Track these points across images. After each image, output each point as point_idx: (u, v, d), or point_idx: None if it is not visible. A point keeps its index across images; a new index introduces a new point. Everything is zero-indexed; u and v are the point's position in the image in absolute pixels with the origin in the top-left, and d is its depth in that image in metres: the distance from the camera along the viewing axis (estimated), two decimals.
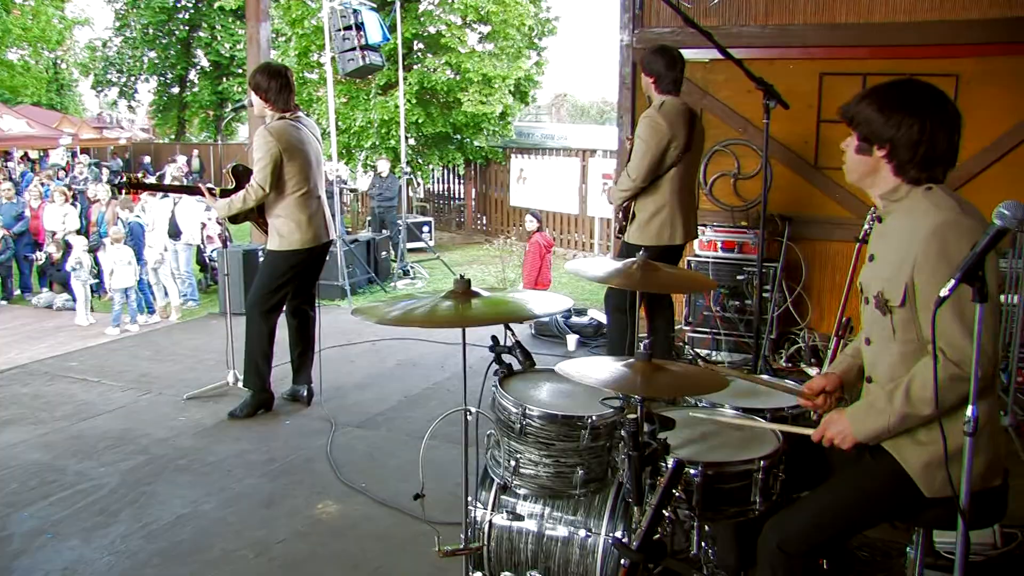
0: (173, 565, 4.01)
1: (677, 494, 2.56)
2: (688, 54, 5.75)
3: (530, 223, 12.08)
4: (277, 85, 5.60)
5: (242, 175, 5.79)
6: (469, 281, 3.06)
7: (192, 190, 6.54)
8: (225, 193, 5.79)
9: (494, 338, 3.25)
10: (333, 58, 12.72)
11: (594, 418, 2.98)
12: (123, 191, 6.19)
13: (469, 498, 3.24)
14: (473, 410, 3.13)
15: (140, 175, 6.79)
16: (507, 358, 3.31)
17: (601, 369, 2.81)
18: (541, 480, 3.05)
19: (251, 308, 5.92)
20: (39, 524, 4.42)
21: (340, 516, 4.46)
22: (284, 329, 6.14)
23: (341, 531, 4.31)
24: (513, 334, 3.30)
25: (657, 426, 2.65)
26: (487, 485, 3.28)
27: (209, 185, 5.96)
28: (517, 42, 18.36)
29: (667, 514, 2.60)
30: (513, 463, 3.06)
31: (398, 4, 14.45)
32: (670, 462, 2.54)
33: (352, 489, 4.74)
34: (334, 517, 4.46)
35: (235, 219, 5.87)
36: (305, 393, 6.12)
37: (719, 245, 6.99)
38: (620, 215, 5.79)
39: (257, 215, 5.80)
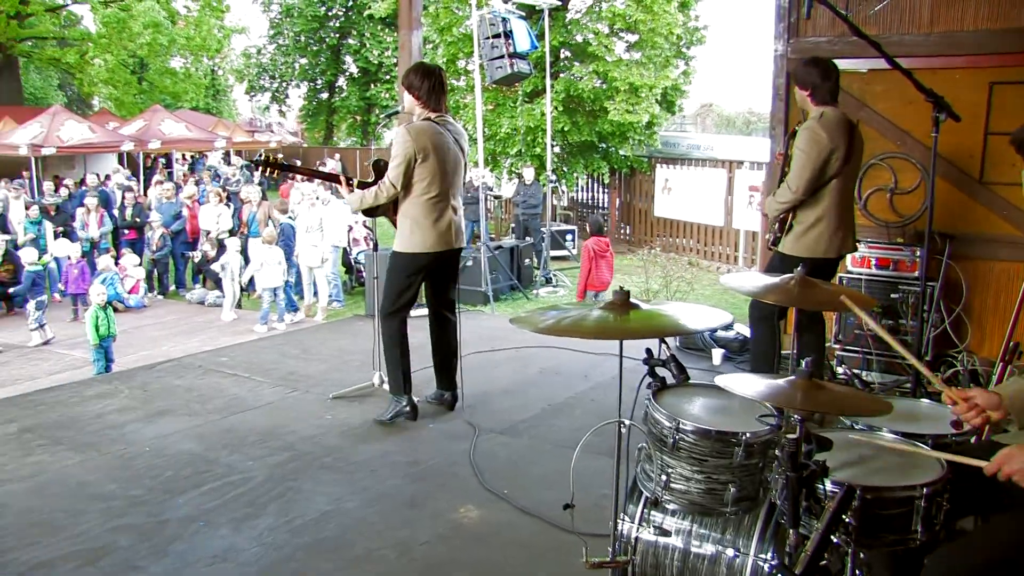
0: (317, 560, 4.08)
1: (848, 520, 2.46)
2: (844, 64, 5.59)
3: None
4: (429, 84, 5.60)
5: (382, 170, 5.82)
6: (628, 293, 3.02)
7: (331, 177, 6.60)
8: (363, 185, 5.84)
9: (648, 351, 3.21)
10: (481, 65, 12.83)
11: (748, 435, 2.90)
12: (260, 168, 6.20)
13: (614, 512, 3.21)
14: (627, 422, 3.09)
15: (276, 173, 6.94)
16: (660, 371, 3.26)
17: (759, 385, 2.74)
18: (692, 496, 2.99)
19: (380, 311, 5.97)
20: (192, 512, 4.56)
21: (482, 522, 4.46)
22: (428, 333, 6.19)
23: (482, 537, 4.31)
24: (668, 347, 3.24)
25: (814, 446, 2.56)
26: (635, 498, 3.23)
27: (348, 175, 6.02)
28: (665, 51, 18.20)
29: (835, 540, 2.50)
30: (664, 478, 3.00)
31: (546, 13, 14.52)
32: (829, 485, 2.45)
33: (494, 495, 4.73)
34: (476, 522, 4.46)
35: (371, 213, 5.92)
36: (448, 397, 6.15)
37: (873, 262, 6.75)
38: (776, 226, 5.63)
39: (392, 212, 5.84)
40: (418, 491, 4.86)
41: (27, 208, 16.11)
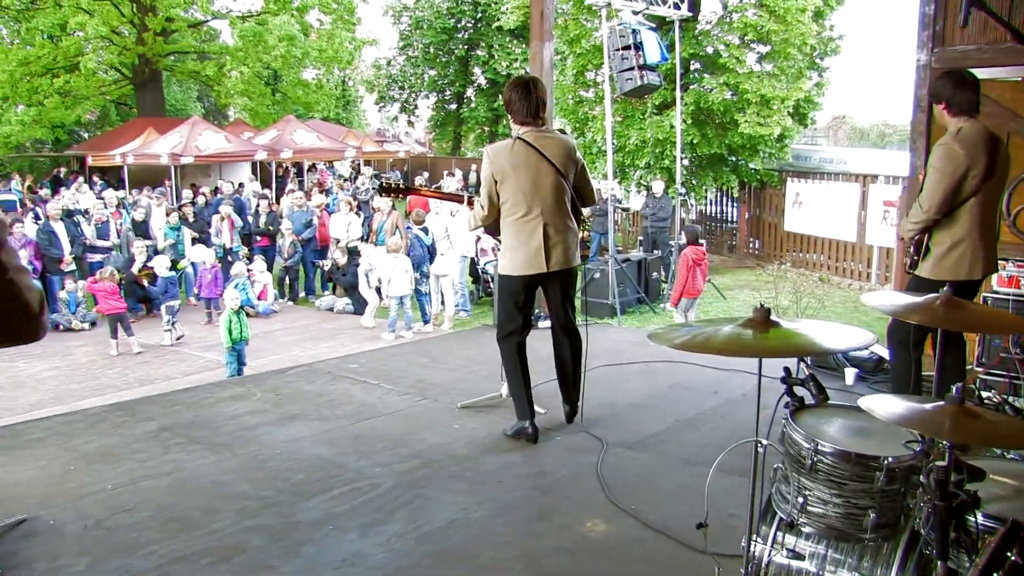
0: (443, 568, 4.10)
1: (1013, 558, 2.34)
2: (996, 73, 5.37)
3: (683, 238, 11.89)
4: (516, 96, 5.50)
5: None
6: (769, 310, 2.96)
7: (454, 197, 6.61)
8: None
9: (787, 369, 3.13)
10: (611, 77, 12.79)
11: (891, 460, 2.80)
12: (388, 193, 6.28)
13: (747, 532, 3.14)
14: (764, 442, 3.02)
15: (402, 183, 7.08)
16: (799, 390, 3.18)
17: (905, 409, 2.63)
18: (829, 520, 2.90)
19: (497, 333, 5.93)
20: (322, 515, 4.64)
21: (609, 536, 4.41)
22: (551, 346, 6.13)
23: (609, 551, 4.26)
24: (808, 366, 3.16)
25: (965, 476, 2.46)
26: (768, 520, 3.15)
27: (471, 196, 6.02)
28: (798, 62, 17.80)
29: None
30: (801, 500, 2.92)
31: (677, 24, 14.39)
32: (981, 517, 2.35)
33: (622, 510, 4.67)
34: (603, 536, 4.41)
35: (487, 230, 5.92)
36: (567, 410, 6.10)
37: (1022, 282, 6.48)
38: (912, 249, 5.42)
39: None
40: (545, 503, 4.84)
41: (167, 215, 16.71)
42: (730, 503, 4.17)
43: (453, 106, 43.62)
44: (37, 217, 16.00)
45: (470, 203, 5.88)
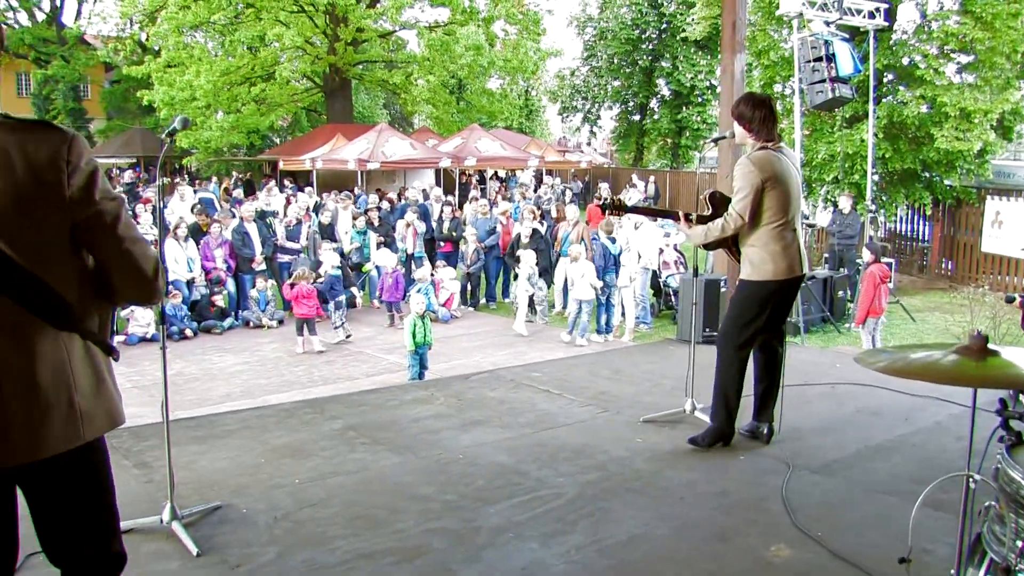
0: None
1: None
2: None
3: (866, 255, 11.34)
4: (761, 115, 5.52)
5: (719, 203, 5.77)
6: (986, 338, 2.79)
7: (669, 214, 6.59)
8: (701, 219, 5.81)
9: (1002, 401, 2.94)
10: (801, 89, 12.48)
11: None
12: (604, 211, 6.37)
13: (952, 571, 2.97)
14: (977, 477, 2.85)
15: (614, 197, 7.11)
16: (1016, 424, 2.99)
17: None
18: None
19: (722, 341, 5.86)
20: (503, 522, 4.65)
21: (793, 562, 4.25)
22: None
23: None
24: None
25: None
26: (976, 561, 2.97)
27: (687, 212, 5.98)
28: (1005, 72, 16.80)
29: None
30: (1020, 544, 2.74)
31: (872, 34, 13.92)
32: None
33: (807, 536, 4.50)
34: (787, 563, 4.26)
35: (708, 246, 5.88)
36: (766, 431, 5.95)
37: None
38: None
39: (731, 244, 5.77)
40: (727, 524, 4.72)
41: (354, 219, 17.22)
42: (923, 537, 3.98)
43: (636, 117, 43.48)
44: (232, 217, 16.73)
45: (687, 219, 5.85)
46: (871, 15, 13.67)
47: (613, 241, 12.96)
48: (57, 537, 2.48)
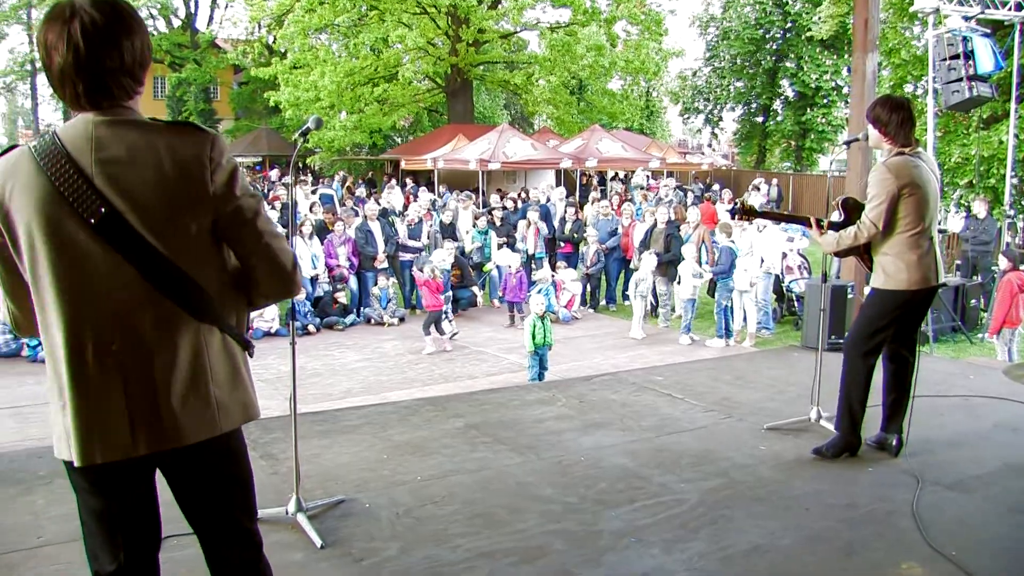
0: None
1: None
2: None
3: (1003, 262, 10.82)
4: (899, 119, 5.35)
5: (852, 209, 5.63)
6: None
7: (800, 220, 6.47)
8: (833, 226, 5.67)
9: None
10: (935, 89, 12.09)
11: None
12: (734, 216, 6.30)
13: None
14: None
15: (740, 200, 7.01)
16: None
17: None
18: None
19: (849, 348, 5.72)
20: (624, 526, 4.61)
21: None
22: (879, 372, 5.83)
23: None
24: None
25: None
26: None
27: (818, 217, 5.85)
28: None
29: None
30: None
31: (1017, 28, 13.37)
32: None
33: (939, 554, 4.34)
34: None
35: (839, 253, 5.74)
36: (894, 443, 5.77)
37: None
38: None
39: (863, 251, 5.62)
40: (854, 537, 4.59)
41: (475, 219, 17.34)
42: None
43: (759, 119, 42.83)
44: (356, 215, 17.00)
45: (818, 225, 5.75)
46: (1017, 7, 13.11)
47: (733, 244, 12.77)
48: (200, 518, 2.59)
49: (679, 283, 12.72)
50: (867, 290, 6.12)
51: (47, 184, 2.26)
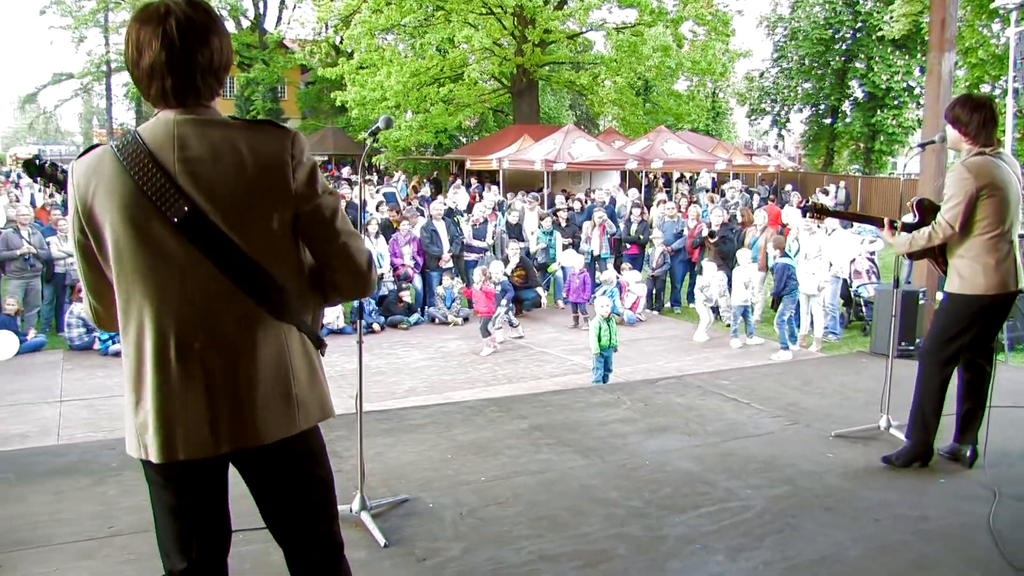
0: None
1: None
2: None
3: None
4: (980, 118, 5.18)
5: (927, 210, 5.49)
6: None
7: (872, 220, 6.34)
8: (906, 227, 5.55)
9: None
10: (1016, 89, 11.82)
11: None
12: (805, 214, 6.19)
13: None
14: None
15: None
16: None
17: None
18: None
19: (925, 355, 5.57)
20: (689, 532, 4.56)
21: None
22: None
23: None
24: None
25: None
26: None
27: (891, 218, 5.73)
28: None
29: None
30: None
31: None
32: None
33: (1020, 573, 4.21)
34: None
35: (912, 255, 5.62)
36: (968, 454, 5.61)
37: None
38: None
39: (937, 254, 5.48)
40: (927, 551, 4.47)
41: (540, 219, 17.33)
42: None
43: (827, 120, 42.28)
44: (421, 214, 17.08)
45: (891, 226, 5.63)
46: None
47: (788, 256, 12.60)
48: (280, 519, 2.61)
49: (730, 289, 12.61)
50: (939, 295, 5.97)
51: (130, 183, 2.29)
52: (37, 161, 4.42)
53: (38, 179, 4.42)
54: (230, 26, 47.11)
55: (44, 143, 62.78)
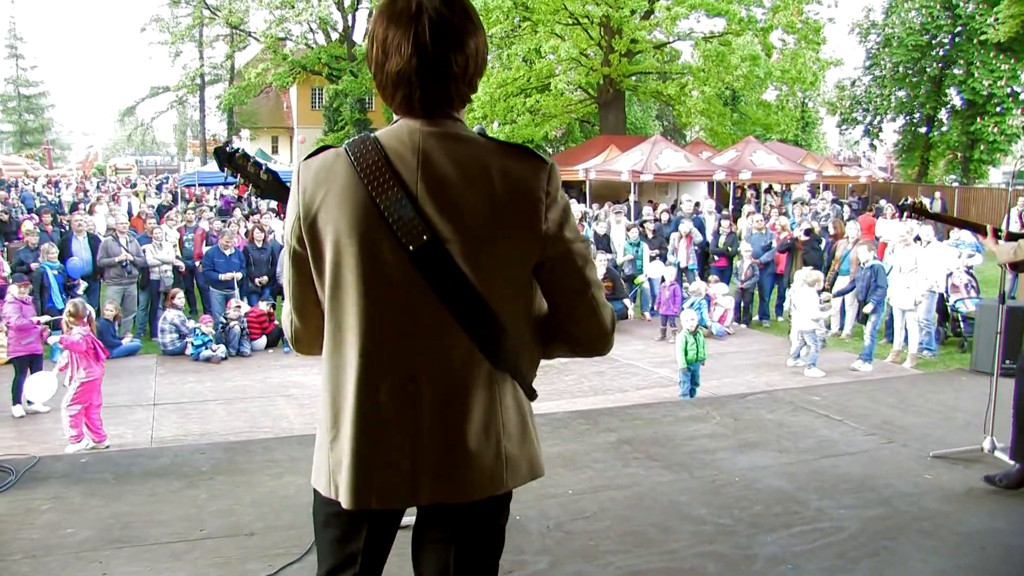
0: None
1: None
2: None
3: None
4: None
5: None
6: None
7: (974, 226, 6.13)
8: (1011, 236, 5.35)
9: None
10: None
11: None
12: (903, 214, 6.00)
13: None
14: None
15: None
16: None
17: None
18: None
19: (1022, 374, 5.38)
20: (780, 552, 4.47)
21: None
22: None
23: None
24: None
25: None
26: None
27: (995, 226, 5.54)
28: None
29: None
30: None
31: None
32: None
33: None
34: None
35: (1015, 266, 5.41)
36: None
37: None
38: None
39: None
40: None
41: (627, 230, 17.21)
42: None
43: (922, 129, 41.26)
44: None
45: (995, 234, 5.44)
46: None
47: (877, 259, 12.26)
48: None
49: (795, 308, 12.27)
50: None
51: (366, 198, 2.06)
52: (228, 149, 4.35)
53: (225, 168, 4.34)
54: (319, 38, 47.95)
55: (141, 154, 64.86)
